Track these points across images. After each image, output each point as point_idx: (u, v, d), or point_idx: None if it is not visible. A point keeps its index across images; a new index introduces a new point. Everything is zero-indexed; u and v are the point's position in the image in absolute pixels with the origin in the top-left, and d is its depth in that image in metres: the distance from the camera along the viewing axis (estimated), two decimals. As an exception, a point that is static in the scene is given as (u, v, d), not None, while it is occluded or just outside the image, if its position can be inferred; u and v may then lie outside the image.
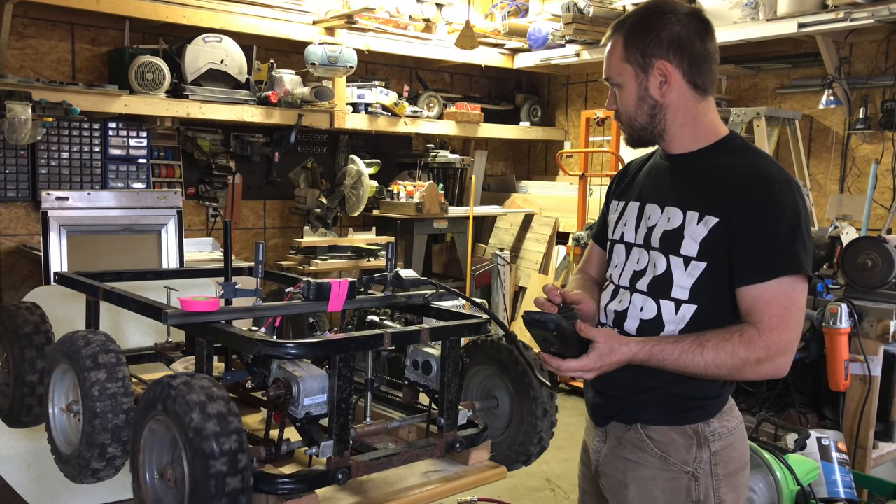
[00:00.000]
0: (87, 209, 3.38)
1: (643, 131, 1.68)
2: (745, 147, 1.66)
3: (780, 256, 1.52)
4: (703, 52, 1.63)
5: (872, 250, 3.11)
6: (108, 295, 1.87)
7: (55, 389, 1.76)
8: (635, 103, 1.66)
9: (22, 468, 2.51)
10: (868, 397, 3.08)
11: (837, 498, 2.77)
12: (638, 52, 1.63)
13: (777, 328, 1.50)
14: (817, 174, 5.52)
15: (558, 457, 4.06)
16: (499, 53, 6.63)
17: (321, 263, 5.45)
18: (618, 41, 1.67)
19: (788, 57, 5.55)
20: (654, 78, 1.63)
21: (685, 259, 1.58)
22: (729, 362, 1.50)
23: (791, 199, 1.54)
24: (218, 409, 1.34)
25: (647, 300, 1.63)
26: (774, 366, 1.52)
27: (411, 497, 1.60)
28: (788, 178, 1.57)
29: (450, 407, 1.67)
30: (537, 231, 6.73)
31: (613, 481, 1.69)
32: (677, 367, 1.53)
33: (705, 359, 1.51)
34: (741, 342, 1.50)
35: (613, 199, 1.83)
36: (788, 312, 1.52)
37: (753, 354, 1.50)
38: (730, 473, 1.63)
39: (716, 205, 1.56)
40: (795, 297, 1.53)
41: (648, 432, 1.64)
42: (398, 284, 1.91)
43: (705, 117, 1.66)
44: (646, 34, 1.63)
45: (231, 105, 5.20)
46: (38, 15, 4.97)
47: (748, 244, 1.53)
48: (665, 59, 1.61)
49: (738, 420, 1.69)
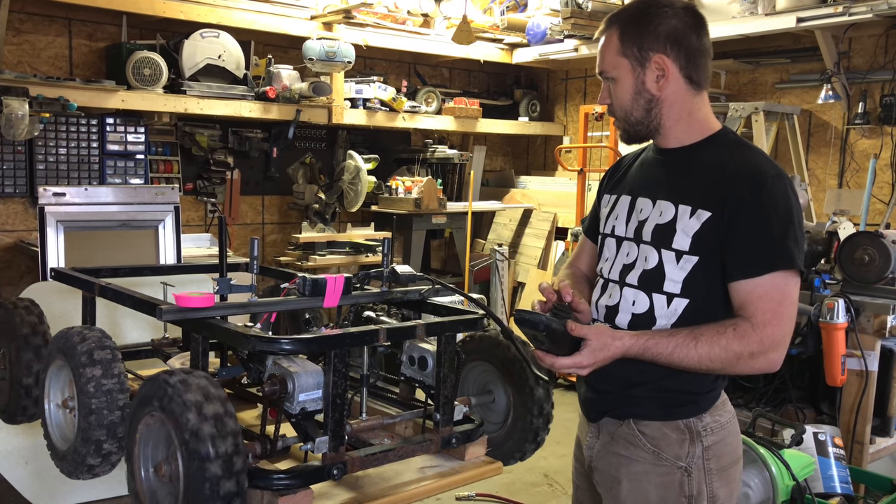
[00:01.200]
0: (84, 205, 3.37)
1: (638, 126, 1.68)
2: (738, 142, 1.66)
3: (771, 251, 1.53)
4: (699, 46, 1.63)
5: (870, 245, 3.11)
6: (104, 291, 1.87)
7: (51, 385, 1.77)
8: (631, 97, 1.65)
9: (20, 464, 2.52)
10: (865, 392, 3.08)
11: (834, 493, 2.78)
12: (634, 46, 1.62)
13: (770, 322, 1.51)
14: (816, 169, 5.52)
15: (556, 452, 4.07)
16: (497, 48, 6.62)
17: (319, 259, 5.45)
18: (613, 35, 1.66)
19: (787, 52, 5.54)
20: (651, 72, 1.62)
21: (677, 253, 1.58)
22: (723, 356, 1.51)
23: (783, 194, 1.54)
24: (214, 410, 1.34)
25: (638, 294, 1.63)
26: (768, 360, 1.53)
27: (407, 492, 1.60)
28: (780, 172, 1.57)
29: (446, 402, 1.68)
30: (536, 226, 6.73)
31: (606, 477, 1.69)
32: (671, 361, 1.53)
33: (699, 352, 1.51)
34: (735, 336, 1.51)
35: (605, 193, 1.83)
36: (781, 307, 1.52)
37: (747, 348, 1.51)
38: (723, 468, 1.63)
39: (708, 199, 1.57)
40: (788, 291, 1.53)
41: (641, 427, 1.64)
42: (394, 280, 1.91)
43: (699, 112, 1.67)
44: (642, 28, 1.62)
45: (229, 100, 5.19)
46: (34, 10, 4.96)
47: (740, 239, 1.54)
48: (662, 53, 1.61)
49: (730, 414, 1.69)
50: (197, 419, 1.31)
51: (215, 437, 1.31)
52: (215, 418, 1.33)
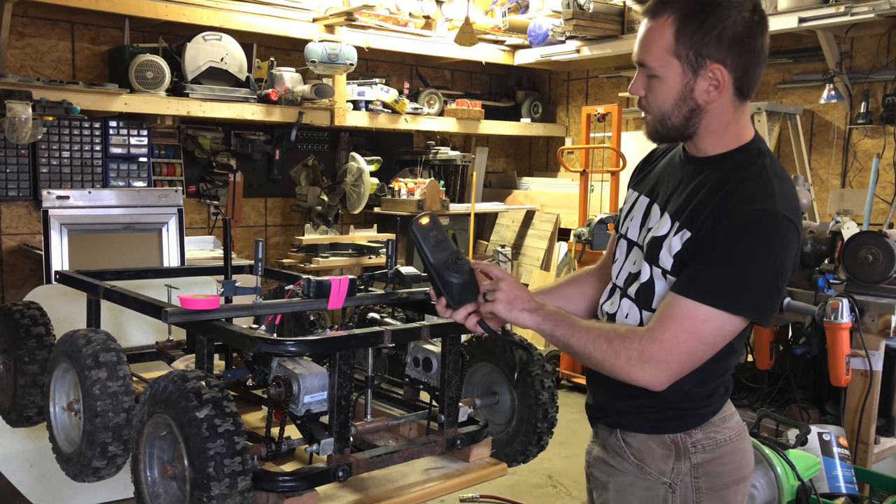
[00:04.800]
0: (88, 208, 3.39)
1: (672, 131, 1.51)
2: (754, 161, 1.47)
3: (712, 284, 1.37)
4: (760, 53, 1.45)
5: (874, 245, 3.10)
6: (108, 293, 1.87)
7: (56, 388, 1.77)
8: (674, 102, 1.47)
9: (25, 467, 2.52)
10: (869, 392, 3.07)
11: (839, 493, 2.77)
12: (692, 50, 1.42)
13: (661, 342, 1.38)
14: (819, 169, 5.51)
15: (560, 453, 4.06)
16: (499, 50, 6.63)
17: (322, 261, 5.46)
18: (667, 26, 1.44)
19: (789, 52, 5.54)
20: (704, 81, 1.43)
21: (662, 271, 1.49)
22: (603, 347, 1.41)
23: (756, 232, 1.37)
24: (219, 412, 1.34)
25: (632, 307, 1.56)
26: (646, 373, 1.39)
27: (412, 494, 1.60)
28: (770, 209, 1.37)
29: (450, 404, 1.68)
30: (539, 228, 6.73)
31: (599, 484, 1.64)
32: (566, 335, 1.44)
33: (588, 335, 1.42)
34: (623, 335, 1.41)
35: (631, 187, 1.70)
36: (684, 337, 1.38)
37: (626, 351, 1.39)
38: (716, 487, 1.53)
39: (694, 218, 1.44)
40: (704, 329, 1.38)
41: (627, 438, 1.57)
42: (399, 281, 1.91)
43: (737, 123, 1.50)
44: (705, 28, 1.41)
45: (231, 103, 5.20)
46: (37, 14, 4.97)
47: (697, 258, 1.42)
48: (721, 63, 1.42)
49: (732, 431, 1.56)
50: (202, 420, 1.32)
51: (220, 438, 1.31)
52: (220, 418, 1.33)
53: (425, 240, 1.44)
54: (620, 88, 6.60)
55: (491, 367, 1.89)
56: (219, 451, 1.30)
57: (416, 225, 1.44)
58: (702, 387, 1.51)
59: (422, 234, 1.44)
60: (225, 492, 1.30)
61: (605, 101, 6.69)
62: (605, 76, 6.90)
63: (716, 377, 1.53)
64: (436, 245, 1.44)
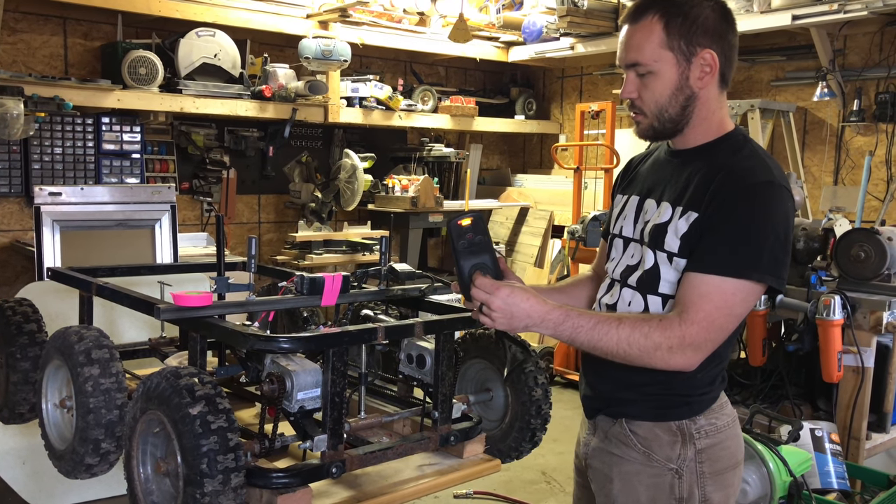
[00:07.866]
0: (80, 204, 3.36)
1: (670, 123, 1.58)
2: (743, 145, 1.58)
3: (733, 256, 1.44)
4: (734, 43, 1.57)
5: (866, 242, 3.12)
6: (101, 290, 1.86)
7: (48, 385, 1.76)
8: (671, 93, 1.54)
9: (17, 464, 2.51)
10: (861, 388, 3.09)
11: (830, 489, 2.79)
12: (683, 40, 1.51)
13: (699, 323, 1.44)
14: (811, 166, 5.53)
15: (554, 449, 4.07)
16: (493, 47, 6.62)
17: (316, 258, 5.45)
18: (655, 23, 1.53)
19: (783, 49, 5.56)
20: (697, 67, 1.53)
21: (668, 254, 1.54)
22: (641, 342, 1.44)
23: (766, 203, 1.46)
24: (212, 409, 1.34)
25: (635, 295, 1.61)
26: (685, 358, 1.45)
27: (406, 490, 1.60)
28: (772, 180, 1.48)
29: (444, 400, 1.68)
30: (532, 225, 6.73)
31: (600, 475, 1.68)
32: (591, 339, 1.46)
33: (619, 334, 1.45)
34: (659, 326, 1.45)
35: (617, 194, 1.78)
36: (718, 314, 1.45)
37: (667, 341, 1.44)
38: (717, 472, 1.60)
39: (698, 200, 1.51)
40: (733, 302, 1.45)
41: (633, 427, 1.61)
42: (393, 278, 1.91)
43: (720, 111, 1.60)
44: (690, 20, 1.51)
45: (225, 100, 5.19)
46: (29, 9, 4.94)
47: (710, 235, 1.48)
48: (710, 48, 1.52)
49: (729, 418, 1.64)
50: (194, 417, 1.31)
51: (212, 434, 1.31)
52: (213, 415, 1.33)
53: (458, 240, 1.48)
54: (614, 85, 6.60)
55: (485, 364, 1.89)
56: (212, 448, 1.30)
57: (453, 224, 1.48)
58: (706, 373, 1.57)
59: (456, 233, 1.48)
60: (218, 488, 1.30)
61: (600, 97, 6.69)
62: (600, 73, 6.90)
63: (718, 363, 1.60)
64: (468, 248, 1.48)
